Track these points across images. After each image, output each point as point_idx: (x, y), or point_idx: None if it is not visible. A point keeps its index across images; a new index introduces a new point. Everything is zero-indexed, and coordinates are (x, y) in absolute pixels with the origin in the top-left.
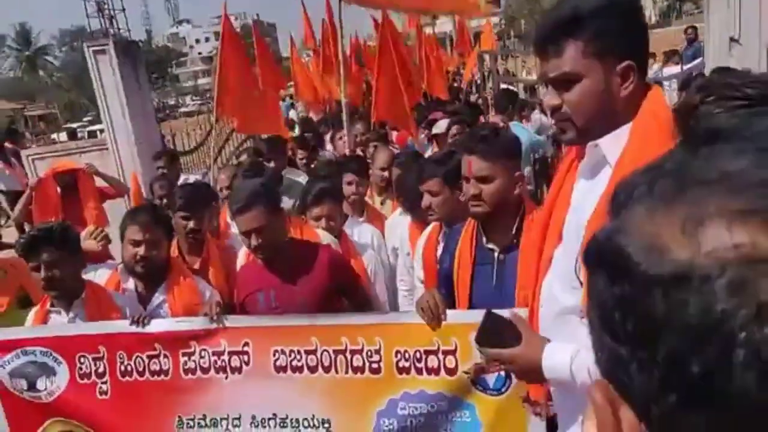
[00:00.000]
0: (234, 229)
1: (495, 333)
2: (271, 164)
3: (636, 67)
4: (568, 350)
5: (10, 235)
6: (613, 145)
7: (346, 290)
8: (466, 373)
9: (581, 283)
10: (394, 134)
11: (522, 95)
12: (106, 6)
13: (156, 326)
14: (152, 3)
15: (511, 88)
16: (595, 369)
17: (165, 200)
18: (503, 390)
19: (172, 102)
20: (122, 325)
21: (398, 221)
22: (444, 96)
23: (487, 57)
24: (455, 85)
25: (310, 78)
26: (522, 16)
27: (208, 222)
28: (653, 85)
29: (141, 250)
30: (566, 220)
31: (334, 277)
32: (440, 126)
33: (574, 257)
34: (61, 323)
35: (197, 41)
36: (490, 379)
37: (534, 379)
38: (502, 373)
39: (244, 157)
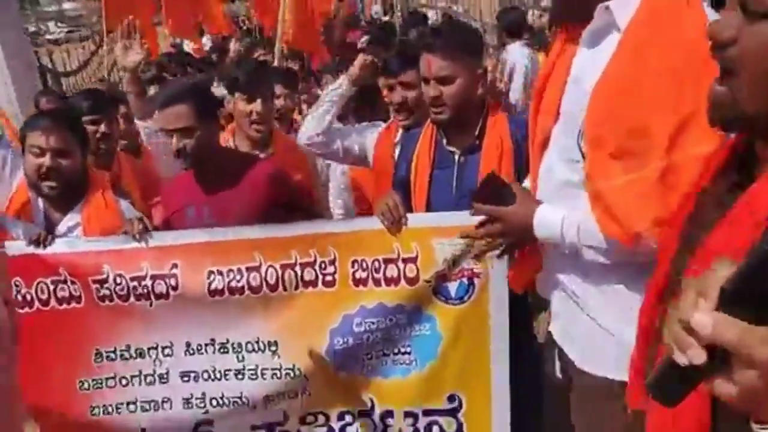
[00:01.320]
0: None
1: (492, 193)
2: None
3: None
4: (560, 211)
5: None
6: (624, 8)
7: (292, 206)
8: (427, 281)
9: (583, 156)
10: None
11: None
12: None
13: (61, 247)
14: None
15: (422, 11)
16: (585, 227)
17: None
18: (465, 298)
19: (32, 29)
20: (18, 246)
21: None
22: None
23: None
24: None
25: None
26: None
27: (117, 128)
28: None
29: (46, 160)
30: (564, 95)
31: (275, 194)
32: (364, 41)
33: (577, 129)
34: None
35: None
36: (452, 287)
37: (524, 238)
38: (465, 280)
39: (148, 74)
